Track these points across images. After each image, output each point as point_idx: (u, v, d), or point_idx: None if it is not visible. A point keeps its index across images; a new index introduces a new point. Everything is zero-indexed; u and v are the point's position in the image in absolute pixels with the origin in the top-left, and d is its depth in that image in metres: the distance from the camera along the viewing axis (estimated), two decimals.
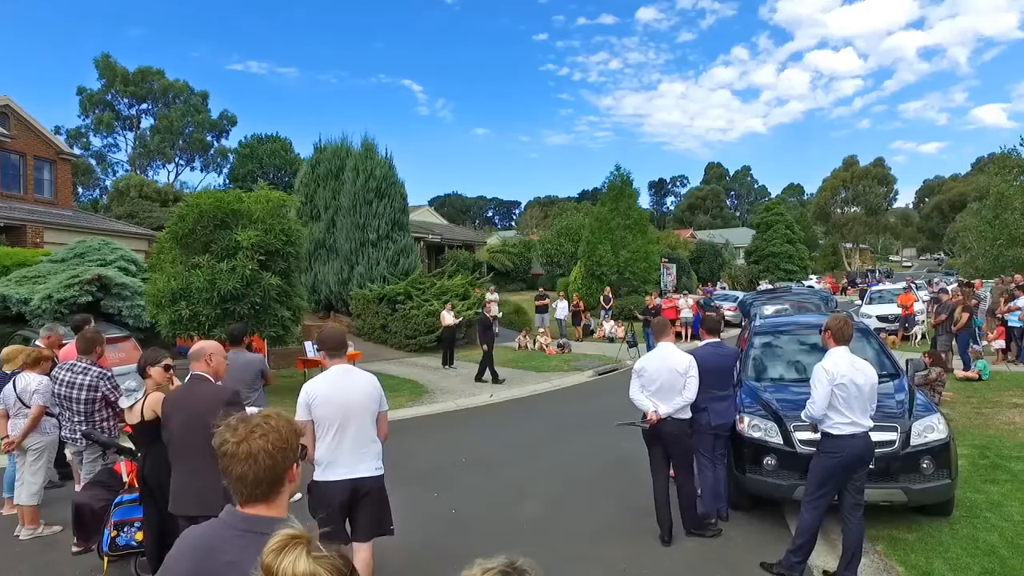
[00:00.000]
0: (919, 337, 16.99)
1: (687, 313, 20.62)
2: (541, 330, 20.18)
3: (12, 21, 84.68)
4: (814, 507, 4.50)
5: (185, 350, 12.82)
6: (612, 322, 21.55)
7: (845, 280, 48.74)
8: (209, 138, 52.36)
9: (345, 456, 3.89)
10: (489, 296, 22.30)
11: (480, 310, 14.85)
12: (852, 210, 67.02)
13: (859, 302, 22.86)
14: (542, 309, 22.35)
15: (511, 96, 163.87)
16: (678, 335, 19.99)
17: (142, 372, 4.79)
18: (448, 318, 16.16)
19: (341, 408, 3.87)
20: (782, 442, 5.36)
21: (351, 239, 20.81)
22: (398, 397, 12.33)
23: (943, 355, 13.16)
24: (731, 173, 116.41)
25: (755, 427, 5.59)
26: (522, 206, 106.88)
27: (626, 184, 26.23)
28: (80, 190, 52.19)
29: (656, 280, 26.74)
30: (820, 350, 4.97)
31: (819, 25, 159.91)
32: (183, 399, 3.87)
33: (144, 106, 50.54)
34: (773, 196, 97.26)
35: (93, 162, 51.24)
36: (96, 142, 50.77)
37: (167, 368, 4.63)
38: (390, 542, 5.51)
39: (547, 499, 6.47)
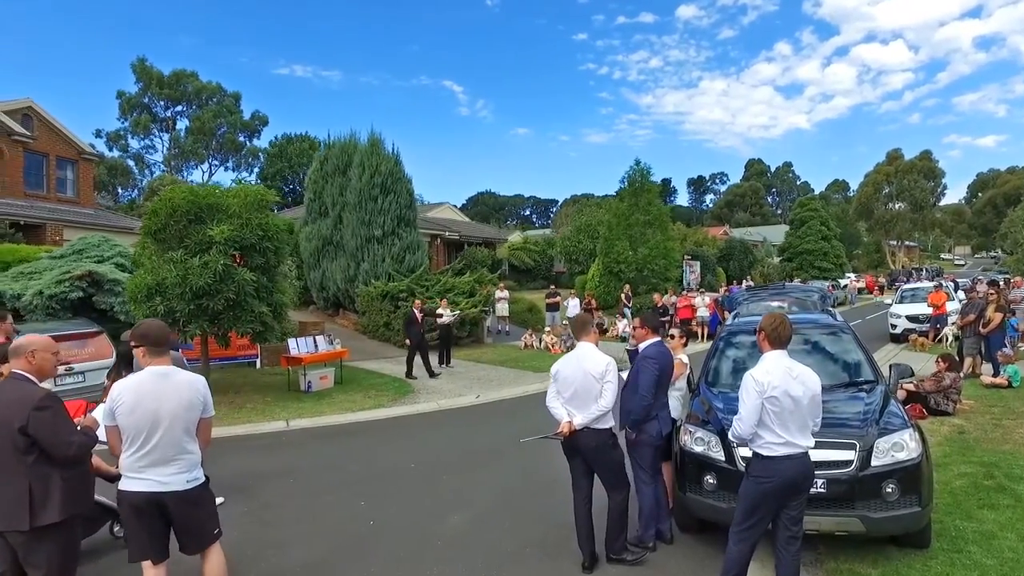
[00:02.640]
0: (950, 339, 15.79)
1: (704, 312, 19.68)
2: (548, 329, 19.53)
3: (74, 31, 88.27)
4: (742, 539, 3.81)
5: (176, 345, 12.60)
6: (625, 320, 20.73)
7: (883, 279, 46.57)
8: (241, 138, 53.10)
9: (152, 468, 3.47)
10: (498, 293, 21.81)
11: (411, 306, 14.70)
12: (896, 206, 64.13)
13: (888, 301, 21.50)
14: (553, 307, 21.74)
15: (551, 96, 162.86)
16: (693, 335, 19.11)
17: None
18: (444, 315, 15.68)
19: (149, 416, 3.44)
20: (724, 458, 4.66)
21: (357, 235, 20.48)
22: (380, 397, 11.92)
23: (972, 358, 12.12)
24: (772, 169, 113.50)
25: (698, 440, 4.89)
26: (559, 204, 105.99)
27: (646, 178, 25.32)
28: (120, 191, 53.65)
29: (677, 278, 25.80)
30: (795, 352, 4.19)
31: (867, 18, 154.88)
32: None
33: (179, 108, 51.55)
34: (816, 193, 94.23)
35: (131, 163, 52.47)
36: (134, 144, 52.01)
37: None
38: (283, 552, 5.06)
39: (480, 512, 5.89)
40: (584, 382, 4.50)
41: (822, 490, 4.26)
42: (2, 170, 23.55)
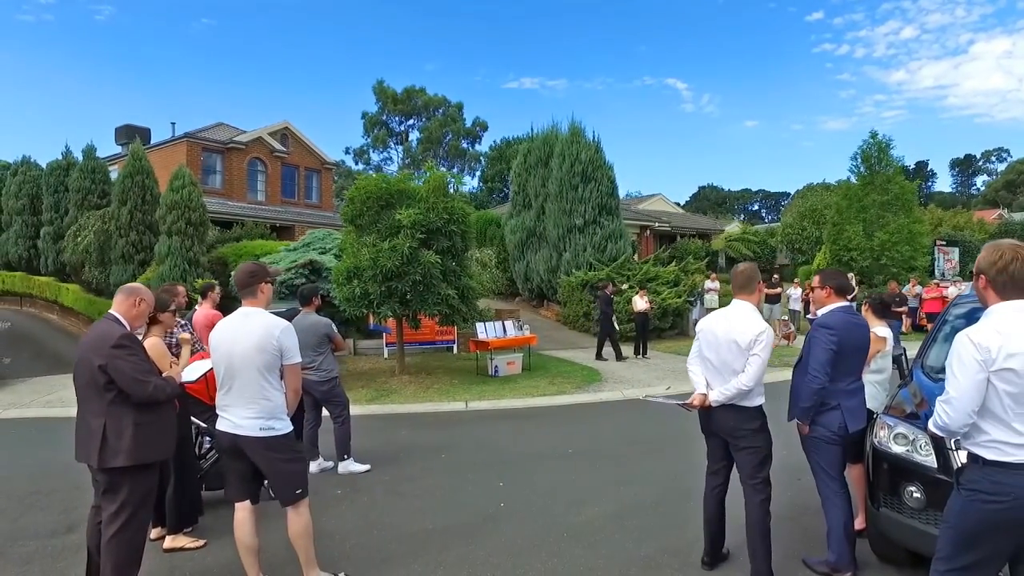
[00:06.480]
0: None
1: None
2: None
3: (340, 64, 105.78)
4: None
5: (378, 329, 13.41)
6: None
7: None
8: (464, 144, 56.78)
9: (232, 408, 3.50)
10: (708, 284, 20.32)
11: (604, 290, 14.90)
12: None
13: None
14: (773, 299, 19.62)
15: (782, 84, 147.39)
16: None
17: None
18: (639, 304, 14.84)
19: (226, 354, 3.48)
20: (935, 464, 3.36)
21: (559, 226, 20.36)
22: (564, 384, 11.55)
23: None
24: None
25: (899, 437, 3.61)
26: (791, 197, 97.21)
27: (884, 153, 21.73)
28: None
29: (926, 267, 21.80)
30: None
31: None
32: (84, 339, 3.59)
33: (410, 121, 56.72)
34: None
35: (372, 174, 58.96)
36: (375, 157, 58.41)
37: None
38: (403, 522, 4.81)
39: (624, 506, 5.10)
40: (729, 350, 3.57)
41: None
42: (265, 182, 27.68)
